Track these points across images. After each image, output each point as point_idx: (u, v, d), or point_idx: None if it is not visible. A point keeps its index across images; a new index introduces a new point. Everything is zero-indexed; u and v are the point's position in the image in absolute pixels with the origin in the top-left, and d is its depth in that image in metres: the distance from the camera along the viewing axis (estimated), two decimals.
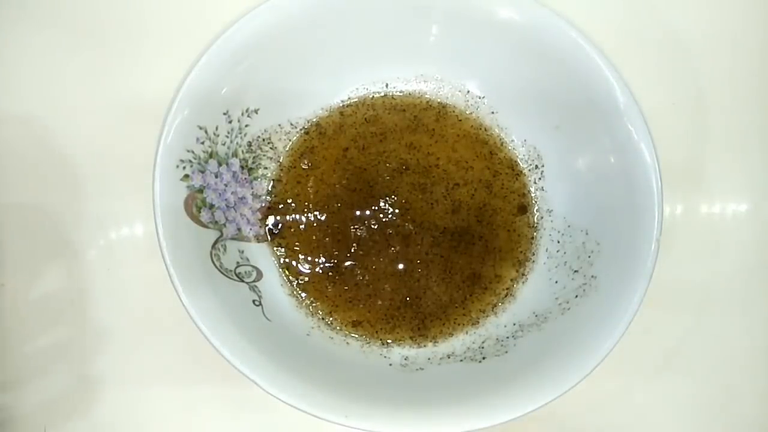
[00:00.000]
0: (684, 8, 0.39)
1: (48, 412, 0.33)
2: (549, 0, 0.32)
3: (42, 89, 0.35)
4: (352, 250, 0.34)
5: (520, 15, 0.32)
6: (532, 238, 0.35)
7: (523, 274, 0.34)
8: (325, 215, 0.34)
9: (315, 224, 0.34)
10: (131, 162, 0.33)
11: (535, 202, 0.35)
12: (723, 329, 0.36)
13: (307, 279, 0.34)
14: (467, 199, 0.35)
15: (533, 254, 0.35)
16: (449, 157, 0.35)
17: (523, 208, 0.35)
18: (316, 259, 0.34)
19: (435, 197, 0.35)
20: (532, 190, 0.35)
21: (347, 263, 0.34)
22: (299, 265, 0.34)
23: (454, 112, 0.36)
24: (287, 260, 0.34)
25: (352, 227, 0.34)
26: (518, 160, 0.36)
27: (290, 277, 0.34)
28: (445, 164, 0.35)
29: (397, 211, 0.34)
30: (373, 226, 0.34)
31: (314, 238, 0.34)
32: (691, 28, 0.39)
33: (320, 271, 0.34)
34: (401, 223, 0.34)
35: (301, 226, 0.34)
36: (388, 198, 0.34)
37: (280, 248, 0.34)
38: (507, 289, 0.34)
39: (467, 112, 0.36)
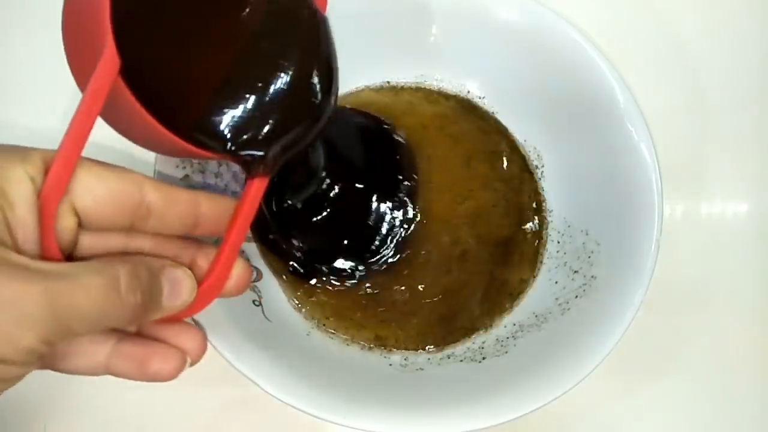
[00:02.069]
0: (684, 8, 0.39)
1: (48, 411, 0.33)
2: (549, 0, 0.32)
3: (41, 89, 0.35)
4: None
5: (520, 15, 0.32)
6: None
7: None
8: None
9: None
10: (132, 162, 0.33)
11: None
12: (723, 329, 0.36)
13: None
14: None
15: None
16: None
17: None
18: None
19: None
20: None
21: None
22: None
23: None
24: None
25: None
26: None
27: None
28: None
29: None
30: None
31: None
32: (690, 28, 0.39)
33: None
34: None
35: None
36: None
37: None
38: None
39: None
